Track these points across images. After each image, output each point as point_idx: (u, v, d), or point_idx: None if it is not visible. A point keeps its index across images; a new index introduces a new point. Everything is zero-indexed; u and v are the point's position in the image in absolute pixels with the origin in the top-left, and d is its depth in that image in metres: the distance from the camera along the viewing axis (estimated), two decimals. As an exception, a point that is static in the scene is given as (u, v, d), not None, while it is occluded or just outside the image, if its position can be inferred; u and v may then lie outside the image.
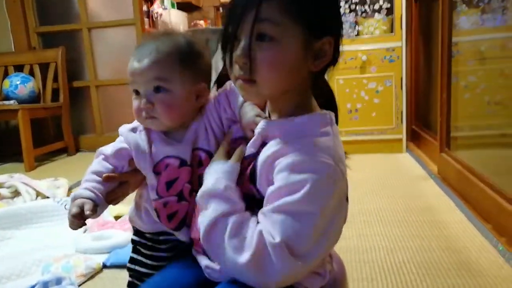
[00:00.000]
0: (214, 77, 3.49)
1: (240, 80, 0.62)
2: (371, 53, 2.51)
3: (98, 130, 3.41)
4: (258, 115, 0.68)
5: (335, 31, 0.63)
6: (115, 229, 1.54)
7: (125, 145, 0.77)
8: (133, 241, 0.88)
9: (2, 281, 1.20)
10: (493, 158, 2.11)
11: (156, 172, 0.76)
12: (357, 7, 2.54)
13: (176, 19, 6.82)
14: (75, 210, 0.68)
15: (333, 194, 0.59)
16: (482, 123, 2.35)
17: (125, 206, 1.76)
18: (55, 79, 3.22)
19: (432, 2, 2.58)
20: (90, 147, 3.42)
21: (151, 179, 0.77)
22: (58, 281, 1.15)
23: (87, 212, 0.68)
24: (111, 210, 1.73)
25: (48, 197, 1.96)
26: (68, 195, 2.11)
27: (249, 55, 0.60)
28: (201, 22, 4.71)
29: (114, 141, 0.81)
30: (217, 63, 4.19)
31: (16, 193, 1.99)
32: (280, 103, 0.67)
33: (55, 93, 3.23)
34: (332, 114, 0.67)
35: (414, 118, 2.88)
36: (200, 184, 0.77)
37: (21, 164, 2.84)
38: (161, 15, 6.51)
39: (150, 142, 0.76)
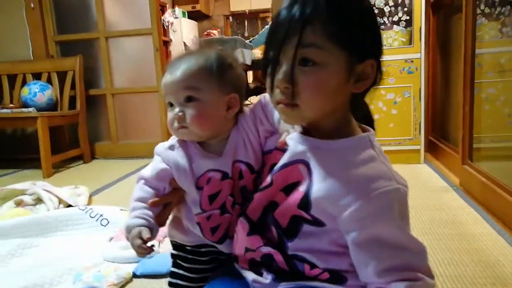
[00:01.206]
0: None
1: (282, 105, 0.62)
2: (389, 64, 2.52)
3: (113, 138, 3.43)
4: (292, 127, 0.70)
5: (377, 54, 0.63)
6: (141, 238, 1.54)
7: (164, 165, 0.77)
8: (173, 255, 0.89)
9: (34, 289, 1.20)
10: (513, 170, 2.10)
11: (198, 187, 0.77)
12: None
13: (187, 28, 6.88)
14: (138, 242, 0.69)
15: (408, 209, 0.60)
16: (503, 135, 2.35)
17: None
18: (72, 87, 3.25)
19: (451, 15, 2.59)
20: (106, 155, 3.44)
21: (193, 194, 0.77)
22: (92, 290, 1.16)
23: (146, 239, 0.69)
24: (135, 219, 1.74)
25: (70, 205, 1.97)
26: (89, 203, 2.12)
27: (291, 80, 0.59)
28: (214, 31, 4.75)
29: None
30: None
31: (38, 200, 2.00)
32: (320, 124, 0.66)
33: (72, 100, 3.26)
34: (372, 133, 0.67)
35: (431, 129, 2.87)
36: (243, 196, 0.78)
37: (38, 170, 2.85)
38: (172, 23, 6.58)
39: (189, 158, 0.77)
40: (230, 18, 8.23)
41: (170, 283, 0.88)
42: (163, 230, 1.58)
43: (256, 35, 3.82)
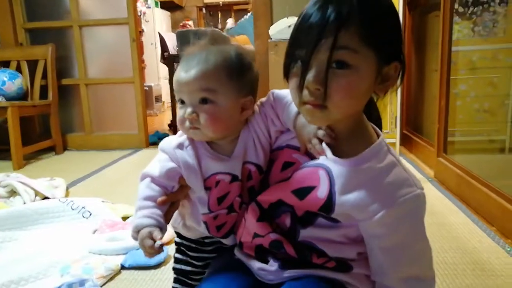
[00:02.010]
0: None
1: (310, 106, 0.61)
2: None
3: (87, 129, 3.34)
4: (319, 128, 0.67)
5: (400, 56, 0.63)
6: (126, 230, 1.52)
7: (173, 165, 0.74)
8: (176, 243, 0.88)
9: (21, 283, 1.17)
10: (483, 163, 2.21)
11: (206, 188, 0.75)
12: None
13: (159, 18, 6.76)
14: (150, 243, 0.67)
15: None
16: (473, 129, 2.47)
17: (132, 207, 1.75)
18: (43, 76, 3.14)
19: (426, 13, 2.67)
20: (78, 146, 3.35)
21: (201, 194, 0.76)
22: (82, 282, 1.14)
23: (158, 240, 0.67)
24: (118, 211, 1.71)
25: (47, 197, 1.92)
26: (66, 195, 2.07)
27: (325, 83, 0.58)
28: (190, 23, 4.68)
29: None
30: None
31: (13, 193, 1.94)
32: (339, 125, 0.67)
33: (43, 90, 3.14)
34: (382, 135, 0.68)
35: (405, 123, 2.97)
36: (250, 196, 0.78)
37: (8, 162, 2.75)
38: (144, 13, 6.45)
39: (198, 159, 0.74)
40: (203, 9, 8.15)
41: (174, 269, 0.88)
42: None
43: (234, 26, 3.79)
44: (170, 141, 0.76)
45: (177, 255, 0.88)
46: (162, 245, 0.67)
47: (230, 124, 0.72)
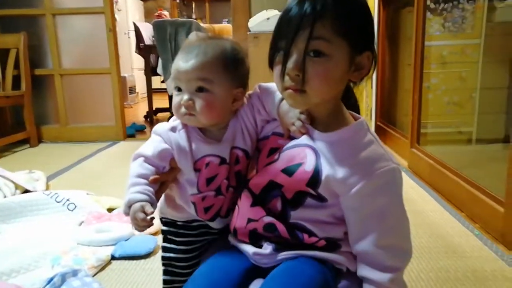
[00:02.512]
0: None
1: (291, 90, 0.68)
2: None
3: (62, 121, 3.28)
4: (301, 113, 0.74)
5: (372, 46, 0.71)
6: (113, 221, 1.54)
7: (166, 146, 0.80)
8: (163, 231, 0.92)
9: (12, 274, 1.18)
10: (453, 153, 2.34)
11: (196, 169, 0.80)
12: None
13: (132, 7, 6.63)
14: (141, 215, 0.71)
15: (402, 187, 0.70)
16: (443, 121, 2.59)
17: (117, 199, 1.76)
18: (15, 66, 3.05)
19: (399, 8, 2.77)
20: (54, 139, 3.29)
21: (190, 175, 0.81)
22: (75, 272, 1.16)
23: (149, 214, 0.72)
24: (103, 203, 1.72)
25: (27, 191, 1.90)
26: (47, 188, 2.05)
27: (302, 69, 0.65)
28: (166, 12, 4.63)
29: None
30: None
31: (-9, 186, 1.90)
32: (317, 112, 0.74)
33: (16, 81, 3.06)
34: (364, 119, 0.75)
35: (379, 116, 3.08)
36: (237, 180, 0.83)
37: (-19, 155, 2.68)
38: (116, 2, 6.30)
39: (190, 142, 0.80)
40: (177, -1, 8.04)
41: (163, 257, 0.92)
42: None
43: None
44: (163, 125, 0.82)
45: (164, 244, 0.91)
46: (152, 218, 0.72)
47: (222, 112, 0.78)
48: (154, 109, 4.22)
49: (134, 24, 4.32)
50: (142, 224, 0.73)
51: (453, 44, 2.54)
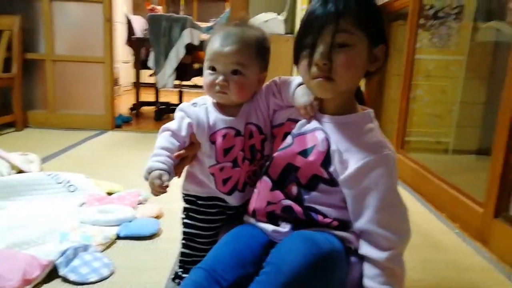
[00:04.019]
0: (175, 63, 3.57)
1: (320, 79, 0.78)
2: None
3: (50, 107, 3.26)
4: (315, 99, 0.84)
5: (386, 40, 0.82)
6: (114, 204, 1.58)
7: (189, 120, 0.90)
8: (185, 209, 1.00)
9: (23, 247, 1.21)
10: (431, 161, 2.48)
11: (212, 141, 0.90)
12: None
13: (119, 0, 6.58)
14: (158, 182, 0.81)
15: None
16: (424, 131, 2.75)
17: (116, 184, 1.81)
18: (8, 48, 3.02)
19: (391, 22, 2.91)
20: (40, 124, 3.26)
21: (208, 147, 0.90)
22: (85, 247, 1.20)
23: (165, 182, 0.81)
24: (103, 187, 1.76)
25: (22, 171, 1.91)
26: (41, 170, 2.06)
27: (330, 58, 0.76)
28: (159, 7, 4.66)
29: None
30: (178, 50, 4.22)
31: (-15, 165, 1.90)
32: (332, 102, 0.84)
33: (7, 63, 3.03)
34: (371, 111, 0.86)
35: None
36: (251, 153, 0.92)
37: (-32, 135, 2.65)
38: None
39: (209, 115, 0.90)
40: (165, -6, 8.04)
41: (184, 232, 0.99)
42: (135, 197, 1.65)
43: (213, 24, 3.86)
44: (187, 102, 0.94)
45: (186, 221, 0.99)
46: (167, 186, 0.82)
47: (250, 92, 0.90)
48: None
49: (126, 16, 4.33)
50: (158, 190, 0.82)
51: (439, 59, 2.70)
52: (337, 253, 0.77)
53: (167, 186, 0.82)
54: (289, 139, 0.86)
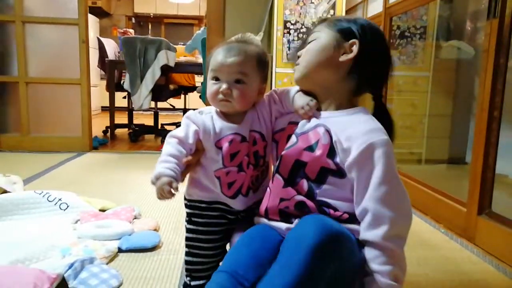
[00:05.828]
0: (151, 84, 3.62)
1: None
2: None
3: (24, 130, 3.18)
4: (311, 100, 0.92)
5: (357, 35, 0.91)
6: (110, 219, 1.57)
7: (195, 127, 0.94)
8: (188, 214, 1.02)
9: (25, 263, 1.18)
10: (407, 171, 2.61)
11: (218, 147, 0.94)
12: (304, 36, 2.90)
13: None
14: (168, 188, 0.83)
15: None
16: (397, 143, 2.89)
17: (107, 201, 1.79)
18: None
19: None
20: (12, 148, 3.16)
21: (214, 153, 0.94)
22: (91, 260, 1.20)
23: (174, 189, 0.84)
24: (95, 204, 1.74)
25: (6, 191, 1.86)
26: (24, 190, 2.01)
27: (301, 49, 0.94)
28: (131, 30, 4.68)
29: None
30: (154, 71, 4.26)
31: (-33, 187, 1.84)
32: (323, 94, 0.93)
33: (-22, 86, 2.95)
34: (365, 107, 0.93)
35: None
36: (255, 158, 0.97)
37: None
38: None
39: (215, 122, 0.95)
40: (133, 19, 8.07)
41: (187, 238, 1.02)
42: (131, 212, 1.64)
43: (189, 42, 3.92)
44: (193, 111, 0.98)
45: (189, 226, 1.02)
46: (175, 193, 0.84)
47: (251, 101, 0.96)
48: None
49: (98, 39, 4.32)
50: (167, 195, 0.84)
51: (407, 75, 2.88)
52: (348, 234, 0.80)
53: (175, 193, 0.84)
54: (293, 138, 0.92)
